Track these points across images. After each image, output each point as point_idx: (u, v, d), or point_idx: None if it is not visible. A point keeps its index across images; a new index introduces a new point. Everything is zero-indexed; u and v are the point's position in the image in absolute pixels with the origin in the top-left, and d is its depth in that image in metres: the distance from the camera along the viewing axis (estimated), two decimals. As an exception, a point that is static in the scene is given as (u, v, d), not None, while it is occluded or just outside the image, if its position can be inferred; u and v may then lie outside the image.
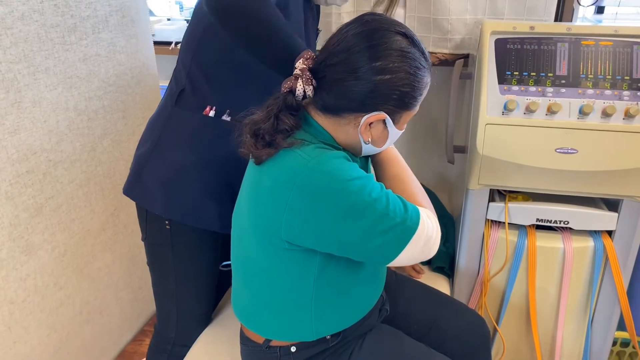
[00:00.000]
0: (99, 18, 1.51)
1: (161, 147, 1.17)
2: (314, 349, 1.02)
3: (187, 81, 1.16)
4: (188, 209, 1.17)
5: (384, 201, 0.86)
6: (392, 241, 0.86)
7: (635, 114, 1.21)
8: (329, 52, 0.90)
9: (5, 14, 1.20)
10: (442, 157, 1.82)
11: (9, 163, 1.27)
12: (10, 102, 1.24)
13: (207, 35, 1.12)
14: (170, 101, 1.18)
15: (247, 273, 1.02)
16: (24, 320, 1.37)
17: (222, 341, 1.27)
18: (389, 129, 0.93)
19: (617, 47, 1.26)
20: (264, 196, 0.90)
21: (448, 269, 1.55)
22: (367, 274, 1.03)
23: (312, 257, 0.92)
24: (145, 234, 1.26)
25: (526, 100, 1.27)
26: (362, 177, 0.86)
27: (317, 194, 0.84)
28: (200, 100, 1.16)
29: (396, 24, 0.90)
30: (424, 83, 0.91)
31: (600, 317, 1.46)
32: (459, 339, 1.18)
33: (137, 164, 1.21)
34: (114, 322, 1.76)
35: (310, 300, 0.96)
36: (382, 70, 0.86)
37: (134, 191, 1.22)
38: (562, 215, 1.37)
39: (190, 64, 1.15)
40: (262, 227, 0.91)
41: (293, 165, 0.86)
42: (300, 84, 0.90)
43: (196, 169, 1.16)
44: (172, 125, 1.17)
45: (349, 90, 0.88)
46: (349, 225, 0.85)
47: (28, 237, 1.35)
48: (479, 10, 1.58)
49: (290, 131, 0.90)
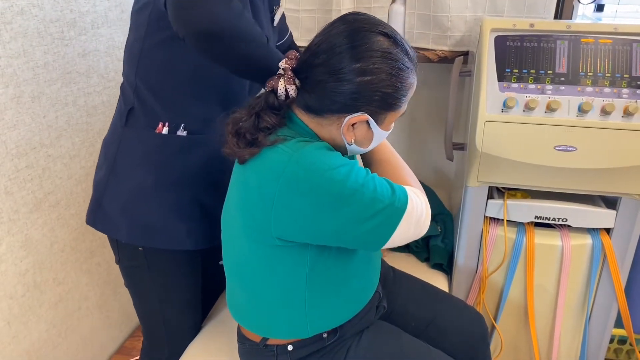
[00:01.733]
0: (98, 13, 1.50)
1: (117, 172, 1.13)
2: (311, 347, 1.02)
3: (135, 99, 1.10)
4: (154, 232, 1.13)
5: (371, 185, 0.86)
6: (383, 224, 0.87)
7: (634, 112, 1.21)
8: (312, 52, 0.90)
9: (4, 9, 1.20)
10: (441, 154, 1.82)
11: (8, 158, 1.27)
12: (10, 97, 1.24)
13: (147, 49, 1.06)
14: (120, 121, 1.13)
15: (240, 273, 1.01)
16: (23, 315, 1.37)
17: (220, 340, 1.26)
18: (373, 130, 0.93)
19: (617, 45, 1.26)
20: (252, 194, 0.89)
21: (446, 266, 1.55)
22: (359, 267, 1.03)
23: (303, 252, 0.93)
24: (118, 257, 1.21)
25: (525, 97, 1.27)
26: (346, 164, 0.86)
27: (303, 186, 0.84)
28: (151, 117, 1.10)
29: (379, 24, 0.89)
30: (408, 84, 0.90)
31: (598, 314, 1.46)
32: (457, 335, 1.18)
33: (96, 191, 1.16)
34: (113, 318, 1.76)
35: (304, 295, 0.96)
36: (363, 71, 0.86)
37: (96, 220, 1.17)
38: (561, 212, 1.37)
39: (135, 80, 1.09)
40: (253, 225, 0.91)
41: (277, 160, 0.86)
42: (282, 84, 0.90)
43: (156, 191, 1.11)
44: (125, 147, 1.12)
45: (331, 92, 0.87)
46: (338, 213, 0.85)
47: (27, 232, 1.35)
48: (479, 8, 1.58)
49: (271, 129, 0.90)
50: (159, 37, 1.04)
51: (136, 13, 1.07)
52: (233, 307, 1.08)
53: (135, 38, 1.07)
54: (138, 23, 1.06)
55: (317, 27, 1.68)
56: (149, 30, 1.04)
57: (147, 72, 1.08)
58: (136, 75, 1.09)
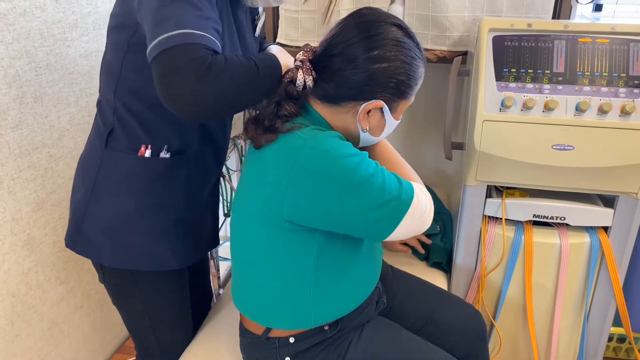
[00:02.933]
0: (100, 14, 1.52)
1: (97, 195, 1.09)
2: (312, 339, 1.03)
3: (115, 120, 1.06)
4: (139, 255, 1.10)
5: (380, 177, 0.89)
6: (389, 215, 0.89)
7: (631, 111, 1.22)
8: (328, 43, 0.95)
9: (7, 10, 1.21)
10: (440, 154, 1.83)
11: (11, 158, 1.28)
12: (12, 97, 1.26)
13: (128, 73, 1.02)
14: (100, 143, 1.09)
15: (247, 259, 1.03)
16: (26, 313, 1.38)
17: (222, 335, 1.27)
18: (385, 117, 0.97)
19: (614, 44, 1.27)
20: (267, 177, 0.93)
21: (446, 265, 1.56)
22: (363, 259, 1.05)
23: (311, 238, 0.95)
24: (103, 277, 1.18)
25: (523, 97, 1.28)
26: (358, 154, 0.89)
27: (317, 171, 0.87)
28: (133, 140, 1.06)
29: (392, 17, 0.94)
30: (419, 73, 0.96)
31: (596, 312, 1.47)
32: (455, 333, 1.19)
33: (75, 215, 1.13)
34: (114, 316, 1.77)
35: (309, 283, 0.98)
36: (379, 58, 0.90)
37: (76, 244, 1.14)
38: (559, 211, 1.38)
39: (114, 102, 1.05)
40: (265, 207, 0.94)
41: (293, 145, 0.89)
42: (301, 74, 0.94)
43: (139, 214, 1.09)
44: (105, 169, 1.08)
45: (348, 79, 0.92)
46: (347, 200, 0.87)
47: (30, 231, 1.36)
48: (477, 8, 1.59)
49: (289, 117, 0.94)
50: (139, 62, 0.98)
51: (113, 31, 1.03)
52: (237, 297, 1.10)
53: (114, 57, 1.03)
54: (117, 43, 1.02)
55: (317, 28, 1.70)
56: (130, 52, 1.00)
57: (126, 93, 1.04)
58: (115, 96, 1.05)
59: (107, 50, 1.06)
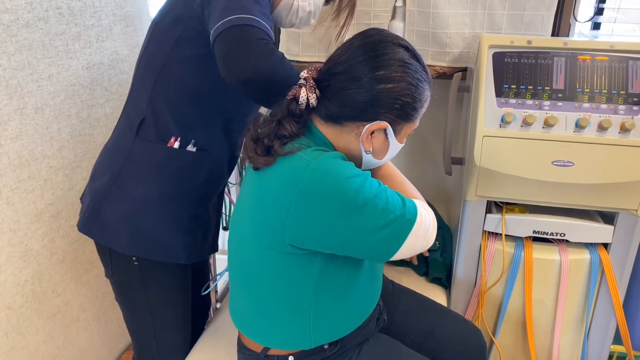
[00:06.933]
0: (102, 27, 1.53)
1: (122, 181, 1.12)
2: (311, 358, 1.02)
3: (149, 111, 1.11)
4: (154, 244, 1.13)
5: (384, 196, 0.88)
6: (393, 234, 0.88)
7: (630, 128, 1.22)
8: (333, 62, 0.93)
9: (10, 22, 1.22)
10: (440, 169, 1.83)
11: (11, 168, 1.28)
12: (14, 108, 1.26)
13: (170, 63, 1.09)
14: (130, 132, 1.13)
15: (246, 279, 1.02)
16: (21, 326, 1.37)
17: (220, 349, 1.26)
18: (389, 139, 0.95)
19: (613, 62, 1.28)
20: (267, 199, 0.91)
21: (445, 280, 1.55)
22: (364, 279, 1.04)
23: (312, 261, 0.93)
24: (111, 272, 1.20)
25: (523, 113, 1.28)
26: (360, 175, 0.88)
27: (319, 193, 0.85)
28: (164, 131, 1.12)
29: (399, 38, 0.93)
30: (425, 96, 0.94)
31: (597, 330, 1.46)
32: (454, 349, 1.19)
33: (94, 199, 1.15)
34: (111, 330, 1.75)
35: (309, 305, 0.97)
36: (385, 79, 0.89)
37: (91, 228, 1.15)
38: (559, 227, 1.38)
39: (152, 92, 1.11)
40: (265, 231, 0.92)
41: (295, 166, 0.88)
42: (304, 92, 0.92)
43: (161, 203, 1.12)
44: (134, 157, 1.12)
45: (352, 99, 0.90)
46: (351, 222, 0.86)
47: (27, 243, 1.36)
48: (477, 25, 1.60)
49: (289, 138, 0.92)
50: (186, 54, 1.07)
51: (166, 27, 1.09)
52: (236, 315, 1.08)
53: (159, 52, 1.09)
54: (165, 37, 1.08)
55: (318, 43, 1.71)
56: (178, 46, 1.07)
57: (165, 86, 1.10)
58: (153, 88, 1.10)
59: (150, 45, 1.13)
